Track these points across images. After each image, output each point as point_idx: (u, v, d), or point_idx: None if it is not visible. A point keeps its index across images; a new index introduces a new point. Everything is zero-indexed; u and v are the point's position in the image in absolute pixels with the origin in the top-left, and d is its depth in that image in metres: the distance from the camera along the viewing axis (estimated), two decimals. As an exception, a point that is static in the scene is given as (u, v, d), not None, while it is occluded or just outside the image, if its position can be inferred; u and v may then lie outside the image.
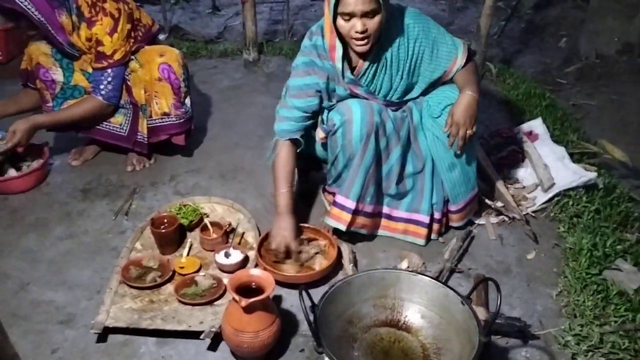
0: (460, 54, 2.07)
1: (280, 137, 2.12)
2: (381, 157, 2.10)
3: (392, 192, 2.16)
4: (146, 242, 2.18)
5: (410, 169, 2.16)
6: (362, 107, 2.01)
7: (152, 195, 2.50)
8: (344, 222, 2.11)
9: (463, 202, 2.21)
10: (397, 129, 2.09)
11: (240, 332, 1.66)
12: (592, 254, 2.08)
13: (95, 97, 2.47)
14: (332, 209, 2.14)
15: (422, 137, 2.15)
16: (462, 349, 1.47)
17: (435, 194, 2.18)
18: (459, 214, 2.24)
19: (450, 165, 2.14)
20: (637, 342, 1.77)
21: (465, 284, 2.04)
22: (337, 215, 2.12)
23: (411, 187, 2.18)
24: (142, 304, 1.91)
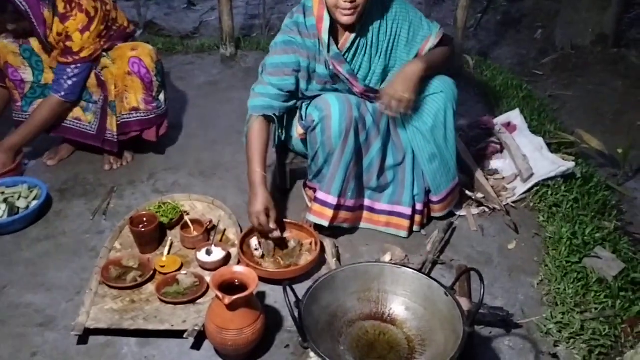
0: (434, 35, 2.10)
1: (253, 113, 2.07)
2: (361, 151, 2.09)
3: (373, 185, 2.16)
4: (125, 242, 2.14)
5: (390, 161, 2.16)
6: (341, 103, 2.00)
7: (131, 194, 2.46)
8: (326, 218, 2.11)
9: (444, 192, 2.22)
10: (377, 121, 2.09)
11: (224, 330, 1.65)
12: (571, 243, 2.11)
13: (53, 97, 2.44)
14: (313, 205, 2.13)
15: (401, 128, 2.15)
16: (446, 340, 1.48)
17: (417, 185, 2.19)
18: (441, 204, 2.25)
19: (430, 157, 2.14)
20: (617, 328, 1.80)
21: (447, 275, 2.05)
22: (319, 212, 2.11)
23: (392, 179, 2.19)
24: (123, 304, 1.88)
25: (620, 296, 1.91)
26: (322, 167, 2.14)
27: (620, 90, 3.56)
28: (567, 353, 1.76)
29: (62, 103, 2.46)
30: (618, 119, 3.18)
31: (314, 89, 2.12)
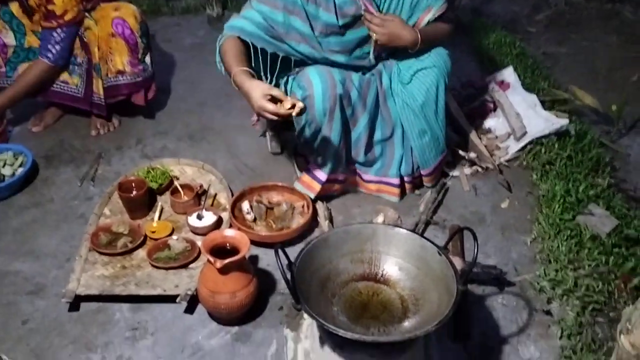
0: (436, 7, 2.04)
1: (228, 32, 1.92)
2: (349, 124, 2.05)
3: (360, 160, 2.13)
4: (115, 208, 2.11)
5: (379, 136, 2.13)
6: (323, 80, 1.93)
7: (119, 160, 2.42)
8: (313, 191, 2.09)
9: (433, 166, 2.20)
10: (363, 95, 2.04)
11: (216, 293, 1.63)
12: (565, 200, 2.10)
13: (42, 61, 2.37)
14: (303, 175, 2.11)
15: (391, 102, 2.11)
16: (440, 299, 1.47)
17: (405, 162, 2.16)
18: (430, 177, 2.23)
19: (420, 132, 2.11)
20: (611, 284, 1.80)
21: (441, 235, 2.04)
22: (308, 183, 2.09)
23: (380, 154, 2.16)
24: (113, 270, 1.86)
25: (613, 252, 1.90)
26: (310, 142, 2.09)
27: (614, 46, 3.50)
28: (560, 310, 1.76)
29: (51, 68, 2.39)
30: (612, 75, 3.13)
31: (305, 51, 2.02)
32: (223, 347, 1.67)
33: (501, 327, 1.73)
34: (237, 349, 1.66)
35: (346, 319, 1.49)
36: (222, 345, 1.67)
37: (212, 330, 1.72)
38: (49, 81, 2.45)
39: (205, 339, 1.69)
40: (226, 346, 1.67)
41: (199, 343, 1.68)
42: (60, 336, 1.69)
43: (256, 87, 1.74)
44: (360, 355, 1.44)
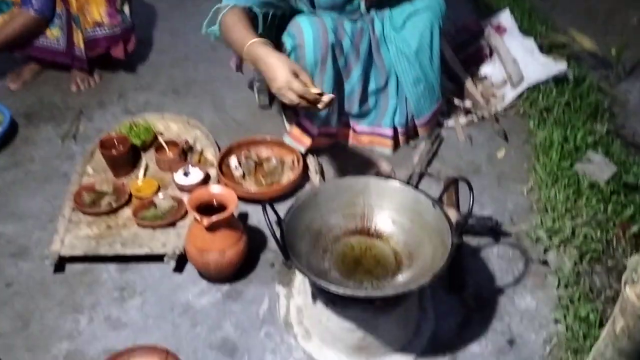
0: None
1: (229, 2, 1.74)
2: (342, 76, 1.96)
3: (354, 112, 2.06)
4: (98, 166, 2.04)
5: (373, 86, 2.05)
6: (314, 29, 1.82)
7: (101, 116, 2.33)
8: (303, 145, 2.01)
9: (427, 116, 2.13)
10: (356, 44, 1.94)
11: (205, 252, 1.59)
12: (562, 148, 2.04)
13: (26, 12, 2.23)
14: (293, 128, 2.03)
15: (385, 50, 2.02)
16: (434, 252, 1.42)
17: (399, 113, 2.08)
18: (424, 127, 2.16)
19: (415, 80, 2.03)
20: (608, 233, 1.76)
21: (435, 187, 1.99)
22: (298, 137, 2.02)
23: (374, 105, 2.08)
24: (98, 230, 1.80)
25: (612, 200, 1.86)
26: None
27: (614, -13, 3.37)
28: (557, 259, 1.73)
29: (36, 19, 2.26)
30: (611, 17, 3.02)
31: None
32: (214, 305, 1.63)
33: (497, 278, 1.70)
34: (229, 306, 1.63)
35: (339, 275, 1.45)
36: (213, 303, 1.64)
37: (203, 288, 1.68)
38: (35, 34, 2.32)
39: (195, 298, 1.65)
40: (217, 304, 1.63)
41: (189, 302, 1.64)
42: (46, 298, 1.65)
43: (285, 62, 1.52)
44: (353, 311, 1.41)
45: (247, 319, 1.59)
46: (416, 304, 1.55)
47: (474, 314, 1.60)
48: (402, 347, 1.50)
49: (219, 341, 1.54)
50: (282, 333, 1.56)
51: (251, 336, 1.55)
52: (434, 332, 1.55)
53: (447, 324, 1.57)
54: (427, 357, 1.50)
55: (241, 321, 1.59)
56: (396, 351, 1.49)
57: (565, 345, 1.50)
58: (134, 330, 1.57)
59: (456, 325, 1.57)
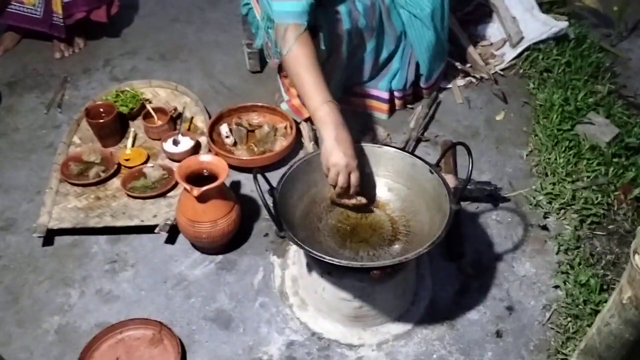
0: None
1: (281, 21, 1.52)
2: (356, 51, 1.90)
3: (364, 79, 2.01)
4: (85, 135, 1.98)
5: (385, 54, 1.98)
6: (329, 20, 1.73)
7: (86, 84, 2.25)
8: (301, 116, 1.96)
9: (434, 78, 2.09)
10: (369, 20, 1.85)
11: (196, 222, 1.54)
12: (563, 109, 1.98)
13: None
14: (293, 99, 1.96)
15: (395, 16, 1.94)
16: (431, 219, 1.39)
17: (399, 77, 2.02)
18: (429, 90, 2.11)
19: (429, 44, 1.96)
20: (610, 196, 1.73)
21: (432, 152, 1.94)
22: (297, 108, 1.95)
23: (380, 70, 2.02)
24: (87, 201, 1.76)
25: (613, 162, 1.81)
26: None
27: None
28: (557, 224, 1.69)
29: None
30: (613, -27, 2.92)
31: None
32: (208, 276, 1.60)
33: (495, 244, 1.67)
34: (223, 277, 1.60)
35: (334, 244, 1.41)
36: (207, 274, 1.60)
37: (196, 259, 1.64)
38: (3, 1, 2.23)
39: (188, 269, 1.62)
40: (211, 275, 1.60)
41: (183, 273, 1.61)
42: (36, 272, 1.61)
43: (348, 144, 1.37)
44: (349, 280, 1.38)
45: (241, 289, 1.56)
46: (413, 272, 1.52)
47: (472, 281, 1.57)
48: (399, 316, 1.48)
49: (213, 313, 1.51)
50: (278, 303, 1.53)
51: (246, 307, 1.52)
52: (431, 300, 1.53)
53: (445, 291, 1.55)
54: (425, 325, 1.47)
55: (235, 292, 1.56)
56: (393, 320, 1.47)
57: (564, 311, 1.48)
58: (126, 303, 1.54)
59: (454, 293, 1.55)
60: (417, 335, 1.45)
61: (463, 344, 1.44)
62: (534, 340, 1.44)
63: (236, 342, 1.45)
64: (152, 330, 1.45)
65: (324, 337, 1.45)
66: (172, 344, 1.41)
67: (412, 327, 1.47)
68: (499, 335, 1.45)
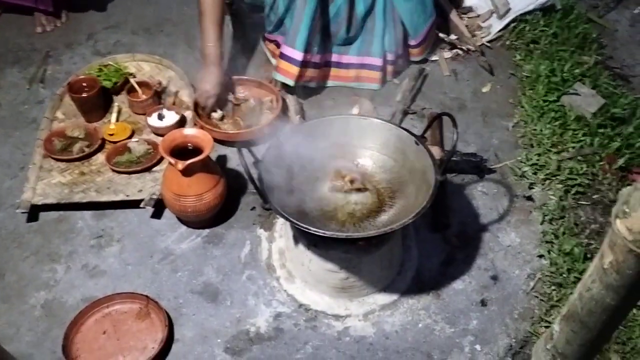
0: None
1: None
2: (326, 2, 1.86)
3: (341, 36, 1.96)
4: (68, 111, 1.95)
5: (360, 7, 1.94)
6: None
7: (69, 58, 2.21)
8: (291, 76, 1.92)
9: (422, 33, 2.05)
10: None
11: (182, 196, 1.53)
12: (549, 81, 1.98)
13: None
14: (279, 62, 1.93)
15: None
16: (417, 191, 1.39)
17: (388, 33, 1.98)
18: (419, 48, 2.08)
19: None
20: (594, 166, 1.73)
21: (419, 125, 1.93)
22: (285, 69, 1.92)
23: (361, 29, 1.97)
24: (71, 177, 1.74)
25: (598, 133, 1.82)
26: (283, 17, 1.91)
27: None
28: (542, 194, 1.70)
29: None
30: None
31: None
32: (194, 250, 1.60)
33: (481, 215, 1.68)
34: (209, 251, 1.60)
35: (320, 216, 1.41)
36: (193, 248, 1.60)
37: (182, 234, 1.64)
38: None
39: (175, 243, 1.61)
40: (197, 249, 1.60)
41: (169, 247, 1.60)
42: (21, 248, 1.60)
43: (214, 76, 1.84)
44: (335, 252, 1.38)
45: (228, 263, 1.57)
46: (399, 243, 1.53)
47: (457, 252, 1.58)
48: (385, 287, 1.49)
49: (200, 286, 1.52)
50: (265, 276, 1.53)
51: (233, 280, 1.53)
52: (417, 270, 1.54)
53: (430, 262, 1.56)
54: (411, 295, 1.49)
55: (222, 266, 1.56)
56: (379, 291, 1.48)
57: (549, 280, 1.50)
58: (112, 278, 1.54)
59: (440, 263, 1.56)
60: (403, 305, 1.47)
61: (448, 313, 1.45)
62: (518, 308, 1.46)
63: (223, 315, 1.45)
64: (138, 304, 1.45)
65: (311, 309, 1.46)
66: (159, 318, 1.42)
67: (398, 297, 1.48)
68: (483, 304, 1.47)
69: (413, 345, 1.39)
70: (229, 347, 1.39)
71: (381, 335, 1.41)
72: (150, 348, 1.37)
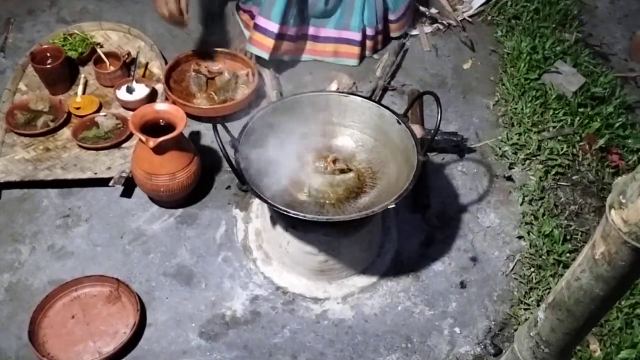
0: None
1: None
2: None
3: (319, 9, 1.89)
4: (31, 82, 1.84)
5: None
6: None
7: (31, 26, 2.08)
8: (266, 49, 1.85)
9: (403, 7, 2.00)
10: None
11: (153, 175, 1.47)
12: (531, 58, 1.95)
13: None
14: (253, 33, 1.85)
15: None
16: (399, 171, 1.35)
17: (367, 7, 1.92)
18: (400, 22, 2.03)
19: None
20: (575, 147, 1.72)
21: (399, 102, 1.89)
22: (259, 41, 1.84)
23: (340, 1, 1.90)
24: (36, 153, 1.65)
25: (579, 112, 1.80)
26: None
27: None
28: (522, 175, 1.69)
29: None
30: None
31: None
32: (167, 231, 1.54)
33: (461, 195, 1.66)
34: (183, 232, 1.54)
35: (299, 196, 1.36)
36: (166, 229, 1.54)
37: (154, 213, 1.58)
38: None
39: (146, 224, 1.55)
40: (170, 230, 1.54)
41: (140, 228, 1.54)
42: (-18, 228, 1.52)
43: None
44: (314, 235, 1.34)
45: (203, 244, 1.51)
46: (379, 224, 1.50)
47: (437, 233, 1.56)
48: (364, 269, 1.46)
49: (174, 268, 1.46)
50: (241, 258, 1.49)
51: (208, 262, 1.48)
52: (397, 252, 1.51)
53: (410, 243, 1.53)
54: (390, 277, 1.46)
55: (197, 247, 1.51)
56: (359, 273, 1.45)
57: (528, 261, 1.49)
58: (81, 260, 1.47)
59: (419, 245, 1.54)
60: (383, 287, 1.44)
61: (428, 295, 1.43)
62: (497, 290, 1.45)
63: (198, 298, 1.41)
64: (109, 287, 1.39)
65: (288, 291, 1.42)
66: (130, 301, 1.37)
67: (377, 279, 1.45)
68: (463, 286, 1.45)
69: (392, 329, 1.37)
70: (204, 332, 1.35)
71: (360, 318, 1.38)
72: (121, 333, 1.32)
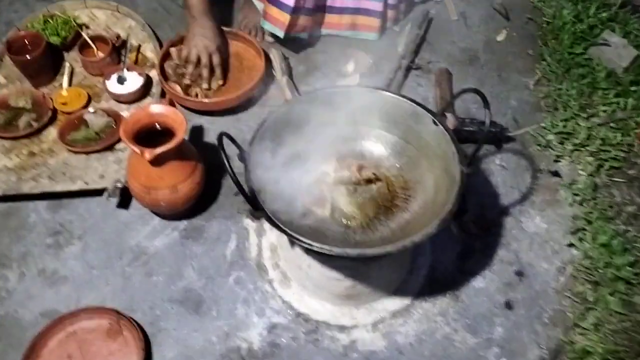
0: None
1: None
2: None
3: None
4: (11, 74, 1.64)
5: None
6: None
7: (7, 6, 1.86)
8: (281, 25, 1.61)
9: None
10: None
11: (152, 189, 1.28)
12: (575, 28, 1.71)
13: None
14: (268, 7, 1.61)
15: None
16: (436, 181, 1.15)
17: None
18: None
19: None
20: (629, 134, 1.51)
21: (425, 83, 1.67)
22: (275, 17, 1.60)
23: None
24: (19, 159, 1.47)
25: (631, 92, 1.58)
26: None
27: None
28: (570, 169, 1.49)
29: None
30: None
31: None
32: (170, 247, 1.37)
33: (500, 195, 1.46)
34: (189, 248, 1.37)
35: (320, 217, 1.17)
36: (170, 245, 1.37)
37: (155, 227, 1.40)
38: None
39: (147, 240, 1.38)
40: (174, 246, 1.37)
41: (140, 245, 1.37)
42: (-37, 251, 1.35)
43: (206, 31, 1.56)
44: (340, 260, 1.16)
45: (211, 263, 1.34)
46: (411, 237, 1.31)
47: (476, 242, 1.38)
48: (396, 289, 1.29)
49: (180, 293, 1.30)
50: (255, 278, 1.32)
51: (218, 284, 1.31)
52: (431, 266, 1.34)
53: (445, 256, 1.35)
54: (425, 297, 1.29)
55: (205, 266, 1.34)
56: (389, 295, 1.28)
57: (582, 276, 1.31)
58: (75, 285, 1.31)
59: (456, 257, 1.36)
60: (417, 310, 1.28)
61: (469, 318, 1.27)
62: (548, 311, 1.28)
63: (209, 328, 1.25)
64: (108, 320, 1.23)
65: (311, 319, 1.26)
66: (133, 336, 1.21)
67: (410, 301, 1.28)
68: (508, 306, 1.28)
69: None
70: (218, 370, 1.20)
71: (394, 349, 1.22)
72: (124, 374, 1.17)
